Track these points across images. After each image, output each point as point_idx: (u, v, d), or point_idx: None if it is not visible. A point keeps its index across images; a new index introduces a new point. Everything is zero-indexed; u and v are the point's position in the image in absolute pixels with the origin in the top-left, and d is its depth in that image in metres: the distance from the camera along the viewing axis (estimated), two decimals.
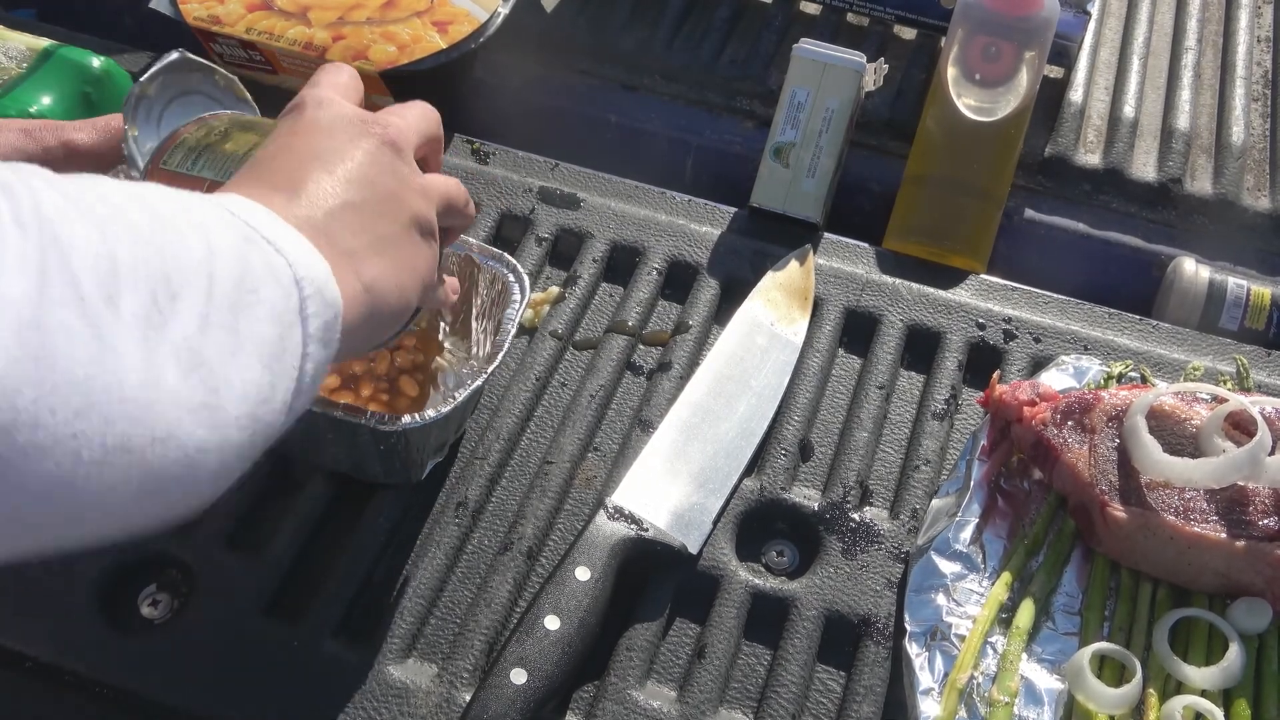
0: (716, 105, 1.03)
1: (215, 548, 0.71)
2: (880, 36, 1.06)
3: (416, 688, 0.65)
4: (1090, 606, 0.67)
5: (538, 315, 0.84)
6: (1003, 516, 0.71)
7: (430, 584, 0.70)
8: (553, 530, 0.73)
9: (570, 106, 1.04)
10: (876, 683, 0.67)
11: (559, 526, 0.73)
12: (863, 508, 0.74)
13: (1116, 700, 0.62)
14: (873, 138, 1.00)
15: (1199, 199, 0.97)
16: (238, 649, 0.66)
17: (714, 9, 1.08)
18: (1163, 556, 0.67)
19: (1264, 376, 0.82)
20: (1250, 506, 0.67)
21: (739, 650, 0.68)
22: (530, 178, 0.93)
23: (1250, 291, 0.88)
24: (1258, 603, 0.66)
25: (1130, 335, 0.85)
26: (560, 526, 0.73)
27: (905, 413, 0.80)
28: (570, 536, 0.72)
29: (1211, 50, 1.10)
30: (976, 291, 0.87)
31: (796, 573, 0.72)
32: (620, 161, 0.96)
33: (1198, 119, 1.03)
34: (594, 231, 0.89)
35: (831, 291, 0.86)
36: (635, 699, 0.65)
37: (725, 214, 0.91)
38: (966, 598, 0.67)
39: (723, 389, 0.77)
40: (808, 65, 0.89)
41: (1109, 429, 0.71)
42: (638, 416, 0.78)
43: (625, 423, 0.78)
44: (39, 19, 1.13)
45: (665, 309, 0.86)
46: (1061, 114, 1.01)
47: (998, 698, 0.62)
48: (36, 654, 0.67)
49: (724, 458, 0.74)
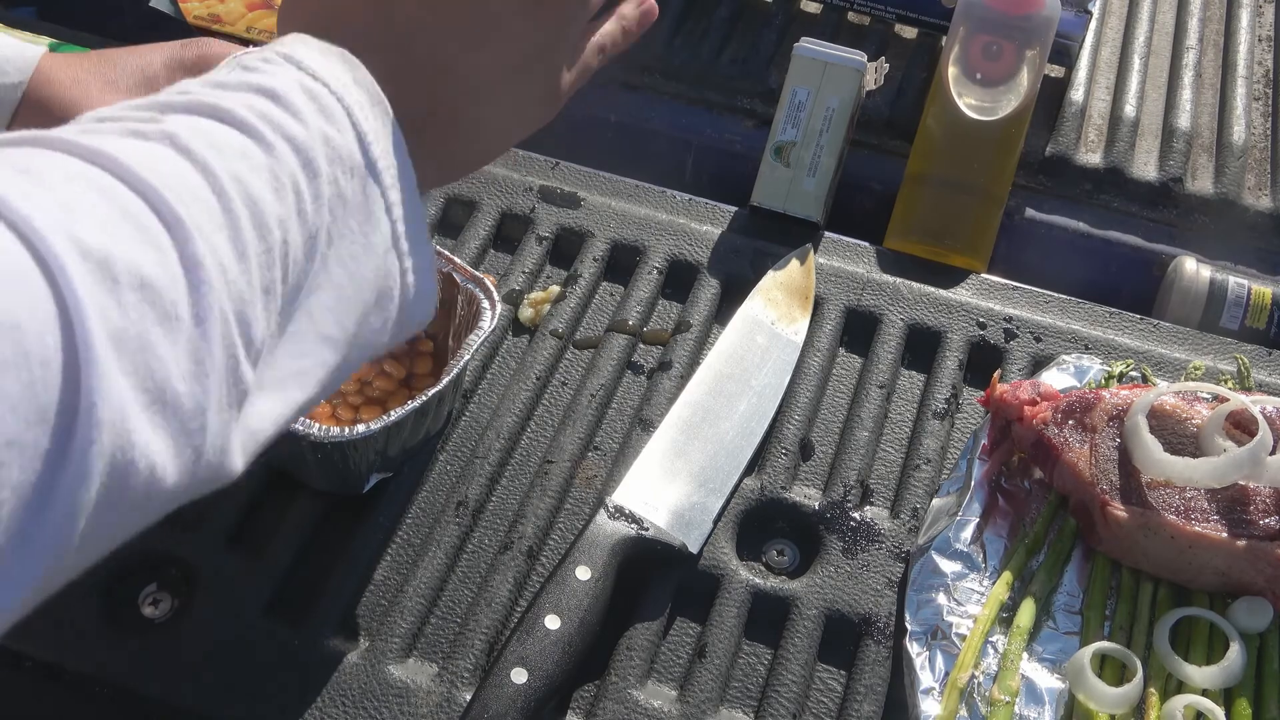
0: (717, 104, 1.03)
1: (216, 547, 0.70)
2: (881, 35, 1.06)
3: (417, 687, 0.65)
4: (1091, 606, 0.67)
5: (538, 314, 0.84)
6: (1003, 516, 0.71)
7: (431, 583, 0.69)
8: (553, 530, 0.73)
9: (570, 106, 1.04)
10: (877, 682, 0.67)
11: (559, 526, 0.73)
12: (863, 507, 0.74)
13: (1117, 699, 0.62)
14: (873, 137, 1.00)
15: (1200, 198, 0.97)
16: (238, 649, 0.66)
17: (714, 8, 1.08)
18: (1164, 555, 0.67)
19: (1265, 376, 0.82)
20: (1251, 506, 0.67)
21: (739, 649, 0.68)
22: (531, 176, 0.92)
23: (1251, 291, 0.88)
24: (1259, 602, 0.66)
25: (1131, 334, 0.84)
26: (560, 526, 0.73)
27: (906, 412, 0.80)
28: (570, 536, 0.72)
29: (1213, 49, 1.10)
30: (977, 291, 0.87)
31: (797, 572, 0.72)
32: (621, 160, 0.96)
33: (1199, 118, 1.03)
34: (594, 230, 0.89)
35: (832, 291, 0.86)
36: (636, 698, 0.65)
37: (726, 213, 0.91)
38: (967, 597, 0.67)
39: (723, 388, 0.77)
40: (808, 64, 0.89)
41: (1110, 428, 0.70)
42: (638, 416, 0.78)
43: (626, 422, 0.78)
44: (39, 18, 1.12)
45: (666, 308, 0.86)
46: (1062, 113, 1.01)
47: (998, 697, 0.62)
48: (36, 654, 0.67)
49: (724, 457, 0.74)
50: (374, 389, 0.74)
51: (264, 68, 0.43)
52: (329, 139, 0.42)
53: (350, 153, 0.43)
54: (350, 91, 0.44)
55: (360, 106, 0.44)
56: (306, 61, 0.44)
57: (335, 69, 0.44)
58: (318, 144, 0.41)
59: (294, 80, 0.42)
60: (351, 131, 0.43)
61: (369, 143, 0.43)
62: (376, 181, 0.44)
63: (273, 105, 0.41)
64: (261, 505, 0.73)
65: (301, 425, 0.65)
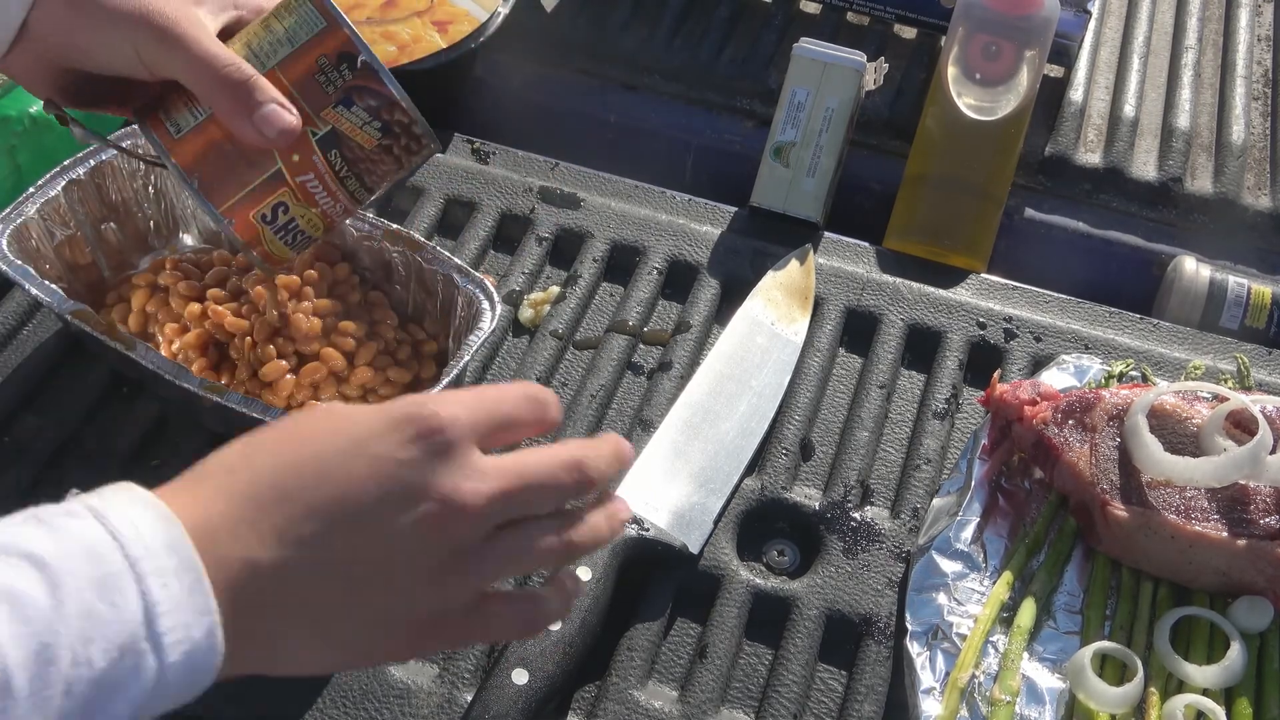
0: (716, 105, 1.03)
1: None
2: (880, 36, 1.06)
3: (418, 688, 0.65)
4: (1091, 605, 0.67)
5: (538, 315, 0.84)
6: (1004, 516, 0.71)
7: None
8: None
9: (570, 106, 1.04)
10: (878, 682, 0.67)
11: None
12: (864, 507, 0.74)
13: (1118, 699, 0.62)
14: (873, 137, 1.00)
15: (1199, 198, 0.97)
16: None
17: (714, 8, 1.08)
18: (1164, 555, 0.67)
19: (1265, 375, 0.82)
20: (1251, 505, 0.67)
21: (740, 650, 0.68)
22: (530, 177, 0.93)
23: (1251, 290, 0.88)
24: (1259, 601, 0.66)
25: (1131, 334, 0.85)
26: None
27: (906, 412, 0.80)
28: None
29: (1212, 49, 1.10)
30: (977, 291, 0.87)
31: (797, 572, 0.72)
32: (620, 161, 0.96)
33: (1198, 118, 1.03)
34: (594, 231, 0.89)
35: (832, 291, 0.86)
36: (637, 699, 0.65)
37: (725, 214, 0.91)
38: (968, 597, 0.67)
39: (723, 388, 0.77)
40: (808, 65, 0.89)
41: (1110, 428, 0.71)
42: (638, 416, 0.78)
43: (626, 422, 0.78)
44: None
45: (665, 309, 0.86)
46: (1062, 113, 1.01)
47: (999, 697, 0.62)
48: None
49: (724, 457, 0.74)
50: (378, 397, 0.74)
51: (58, 521, 0.40)
52: (91, 613, 0.39)
53: (121, 627, 0.39)
54: (155, 556, 0.40)
55: (160, 573, 0.40)
56: (112, 517, 0.40)
57: (146, 525, 0.41)
58: (67, 624, 0.38)
59: (81, 541, 0.40)
60: (138, 601, 0.40)
61: (157, 614, 0.40)
62: (157, 653, 0.40)
63: (29, 576, 0.38)
64: None
65: None
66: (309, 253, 0.77)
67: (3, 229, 0.72)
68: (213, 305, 0.73)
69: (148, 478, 0.44)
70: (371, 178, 0.65)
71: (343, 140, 0.63)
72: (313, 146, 0.63)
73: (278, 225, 0.65)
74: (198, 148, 0.63)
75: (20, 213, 0.73)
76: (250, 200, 0.64)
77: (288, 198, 0.64)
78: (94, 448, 0.75)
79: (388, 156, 0.65)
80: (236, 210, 0.64)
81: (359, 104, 0.63)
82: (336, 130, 0.63)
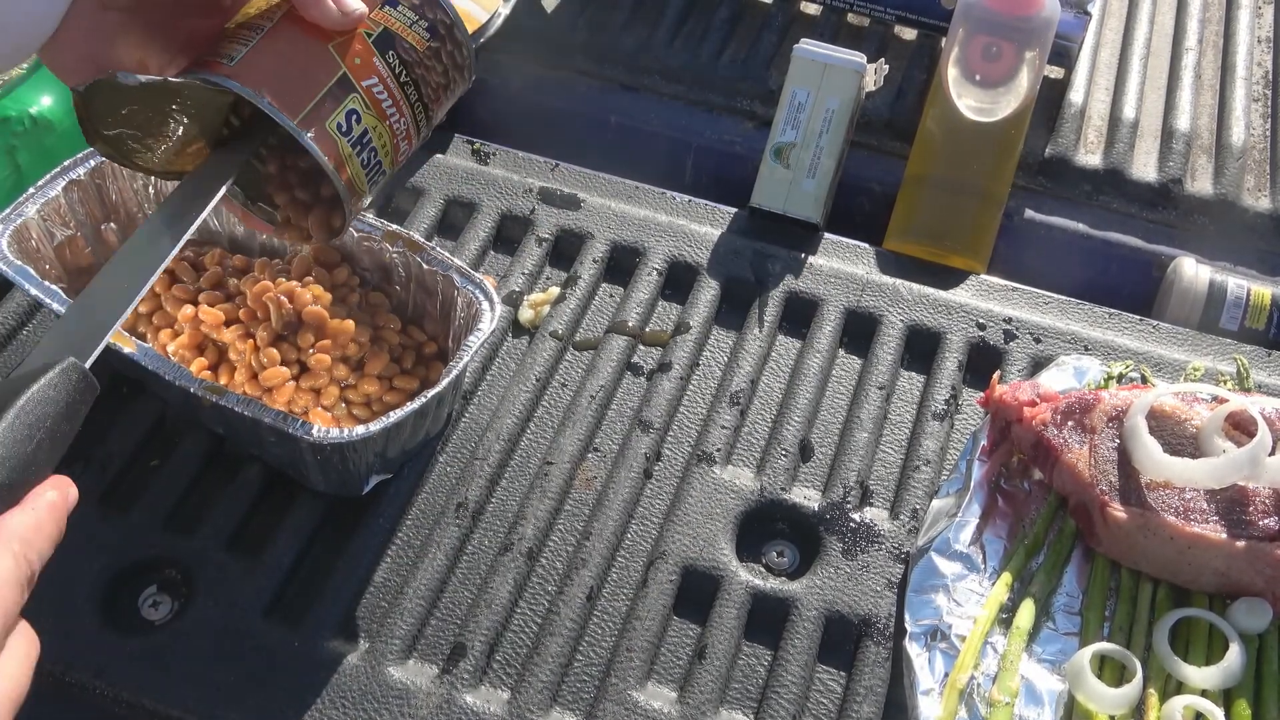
0: (717, 105, 1.03)
1: (216, 549, 0.71)
2: (880, 37, 1.06)
3: (417, 689, 0.65)
4: (1090, 606, 0.67)
5: (538, 316, 0.84)
6: (1003, 517, 0.71)
7: (430, 585, 0.70)
8: (553, 531, 0.73)
9: (570, 106, 1.04)
10: (877, 683, 0.67)
11: (559, 527, 0.73)
12: (863, 508, 0.74)
13: (1117, 700, 0.62)
14: (873, 138, 1.00)
15: (1199, 199, 0.97)
16: (238, 650, 0.66)
17: (714, 9, 1.08)
18: (1163, 556, 0.67)
19: (1264, 377, 0.82)
20: (1250, 506, 0.67)
21: (739, 651, 0.68)
22: (530, 178, 0.93)
23: (1250, 292, 0.88)
24: (1258, 602, 0.66)
25: (1130, 335, 0.85)
26: (560, 527, 0.73)
27: (905, 413, 0.80)
28: (571, 537, 0.72)
29: (1212, 51, 1.10)
30: (977, 292, 0.87)
31: (797, 573, 0.72)
32: (620, 162, 0.96)
33: (1198, 119, 1.03)
34: (594, 232, 0.89)
35: (832, 292, 0.86)
36: (635, 700, 0.65)
37: (725, 214, 0.91)
38: (967, 598, 0.67)
39: None
40: (808, 65, 0.89)
41: (1109, 429, 0.71)
42: (638, 417, 0.78)
43: (625, 423, 0.78)
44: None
45: (665, 309, 0.86)
46: (1062, 114, 1.01)
47: (998, 698, 0.62)
48: (36, 655, 0.66)
49: None
50: (383, 405, 0.74)
51: None
52: None
53: None
54: None
55: None
56: None
57: None
58: None
59: None
60: None
61: None
62: None
63: None
64: (261, 507, 0.73)
65: (300, 427, 0.65)
66: (308, 254, 0.77)
67: (3, 229, 0.72)
68: (204, 308, 0.73)
69: (148, 478, 0.44)
70: (428, 87, 0.64)
71: (396, 40, 0.63)
72: (370, 47, 0.62)
73: (353, 137, 0.62)
74: (258, 66, 0.61)
75: (20, 213, 0.73)
76: (322, 108, 0.62)
77: (358, 104, 0.63)
78: (94, 448, 0.75)
79: (439, 63, 0.64)
80: (312, 120, 0.61)
81: (404, 2, 0.63)
82: (388, 30, 0.63)
